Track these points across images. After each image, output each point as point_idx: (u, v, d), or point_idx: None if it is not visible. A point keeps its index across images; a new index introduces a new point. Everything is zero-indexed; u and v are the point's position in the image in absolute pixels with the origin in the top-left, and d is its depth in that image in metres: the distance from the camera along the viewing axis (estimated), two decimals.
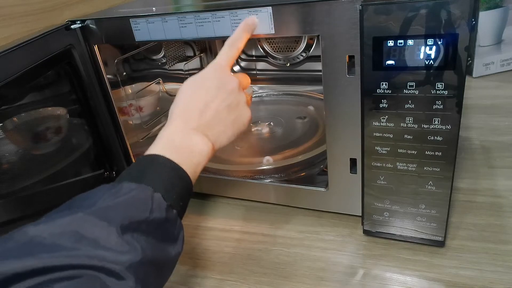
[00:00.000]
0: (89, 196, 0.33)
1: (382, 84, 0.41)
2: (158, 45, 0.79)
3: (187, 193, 0.38)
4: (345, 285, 0.46)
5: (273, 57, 0.92)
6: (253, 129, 0.73)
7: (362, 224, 0.51)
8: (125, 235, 0.30)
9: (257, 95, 0.88)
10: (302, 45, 0.87)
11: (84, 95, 0.60)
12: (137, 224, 0.31)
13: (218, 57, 0.45)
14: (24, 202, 0.52)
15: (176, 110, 0.42)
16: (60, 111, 0.61)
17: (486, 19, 0.88)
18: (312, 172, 0.60)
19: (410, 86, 0.40)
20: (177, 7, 0.61)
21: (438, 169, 0.43)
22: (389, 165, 0.45)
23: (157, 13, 0.51)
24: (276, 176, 0.60)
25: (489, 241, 0.49)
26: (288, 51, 0.89)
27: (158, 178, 0.35)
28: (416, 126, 0.41)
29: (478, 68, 0.92)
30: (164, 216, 0.34)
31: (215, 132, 0.42)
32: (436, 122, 0.40)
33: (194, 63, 0.93)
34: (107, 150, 0.65)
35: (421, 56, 0.38)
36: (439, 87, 0.39)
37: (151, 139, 0.74)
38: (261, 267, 0.51)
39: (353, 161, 0.49)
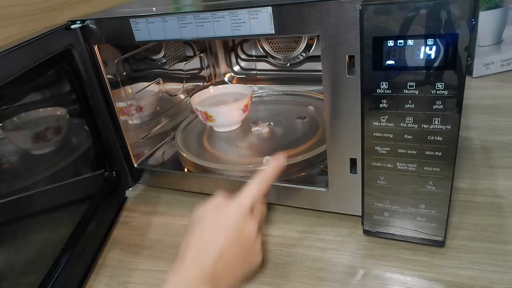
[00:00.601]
0: None
1: (382, 84, 0.41)
2: (158, 45, 0.79)
3: None
4: (345, 285, 0.46)
5: (273, 57, 0.92)
6: (253, 129, 0.73)
7: (362, 224, 0.51)
8: None
9: (257, 95, 0.88)
10: (302, 45, 0.87)
11: (84, 95, 0.60)
12: None
13: (244, 196, 0.42)
14: (24, 202, 0.52)
15: (190, 252, 0.39)
16: (60, 111, 0.61)
17: (486, 19, 0.88)
18: (312, 172, 0.60)
19: (410, 86, 0.40)
20: (177, 7, 0.61)
21: (438, 169, 0.43)
22: (389, 165, 0.45)
23: (157, 13, 0.51)
24: None
25: (489, 241, 0.49)
26: (288, 51, 0.89)
27: None
28: (416, 126, 0.41)
29: (478, 68, 0.92)
30: None
31: (224, 284, 0.39)
32: (436, 122, 0.40)
33: (194, 63, 0.93)
34: (107, 150, 0.65)
35: (421, 56, 0.38)
36: (439, 87, 0.39)
37: (151, 139, 0.74)
38: (261, 267, 0.51)
39: (353, 161, 0.49)
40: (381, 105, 0.42)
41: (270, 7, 0.44)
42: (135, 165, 0.69)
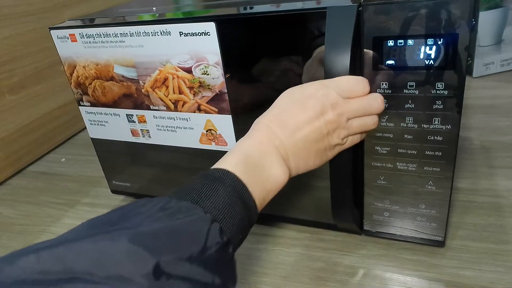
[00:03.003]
0: (132, 213, 0.27)
1: (382, 84, 0.41)
2: None
3: (249, 225, 0.32)
4: (345, 285, 0.46)
5: None
6: None
7: (362, 224, 0.51)
8: (161, 278, 0.24)
9: None
10: None
11: None
12: (179, 262, 0.25)
13: (335, 80, 0.37)
14: None
15: (264, 120, 0.36)
16: None
17: (486, 19, 0.88)
18: None
19: (410, 86, 0.40)
20: (177, 7, 0.61)
21: (438, 169, 0.43)
22: (389, 165, 0.45)
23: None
24: None
25: (489, 241, 0.49)
26: None
27: (220, 205, 0.29)
28: (416, 126, 0.41)
29: (478, 68, 0.92)
30: (217, 254, 0.27)
31: (297, 158, 0.36)
32: (436, 122, 0.40)
33: None
34: None
35: (421, 56, 0.38)
36: (439, 87, 0.39)
37: None
38: (261, 267, 0.51)
39: None
40: None
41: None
42: None
